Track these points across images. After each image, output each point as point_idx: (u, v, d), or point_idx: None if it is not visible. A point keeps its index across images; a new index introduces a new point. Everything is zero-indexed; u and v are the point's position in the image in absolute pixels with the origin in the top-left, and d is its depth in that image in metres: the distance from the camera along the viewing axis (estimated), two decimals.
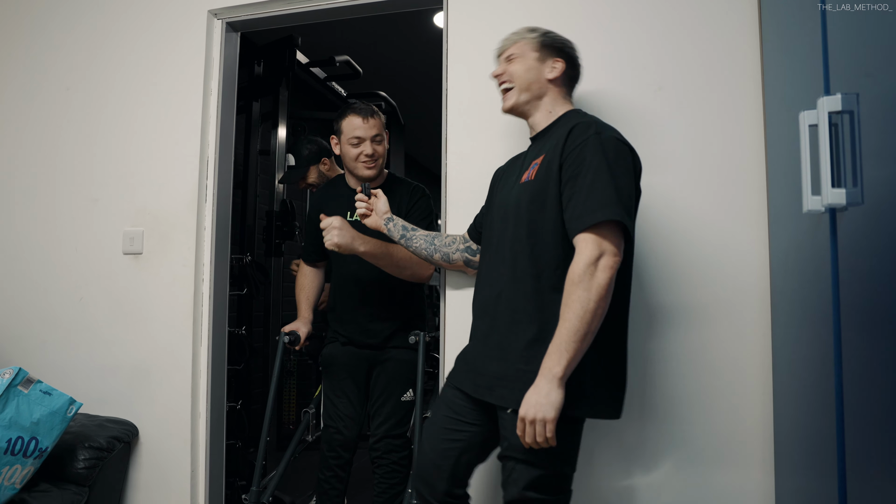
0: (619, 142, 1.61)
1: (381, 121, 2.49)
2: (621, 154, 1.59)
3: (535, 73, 1.79)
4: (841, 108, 1.18)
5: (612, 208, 1.51)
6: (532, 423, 1.47)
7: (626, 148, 1.62)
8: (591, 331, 1.49)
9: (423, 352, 2.35)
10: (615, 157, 1.57)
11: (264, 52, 3.58)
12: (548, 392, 1.46)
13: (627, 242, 1.58)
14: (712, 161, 2.03)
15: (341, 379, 2.53)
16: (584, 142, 1.59)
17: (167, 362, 2.49)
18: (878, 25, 1.19)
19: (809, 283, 1.49)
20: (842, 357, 1.27)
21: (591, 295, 1.48)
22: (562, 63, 1.79)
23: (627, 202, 1.55)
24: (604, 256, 1.50)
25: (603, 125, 1.65)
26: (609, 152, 1.57)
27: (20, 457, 2.00)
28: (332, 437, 2.52)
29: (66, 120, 2.71)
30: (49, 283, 2.66)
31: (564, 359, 1.47)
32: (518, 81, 1.80)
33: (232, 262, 2.87)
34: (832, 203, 1.20)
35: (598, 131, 1.60)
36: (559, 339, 1.48)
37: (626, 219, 1.53)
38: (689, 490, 1.99)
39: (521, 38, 1.83)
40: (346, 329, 2.52)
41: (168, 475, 2.46)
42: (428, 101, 3.87)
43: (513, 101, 1.81)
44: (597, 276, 1.49)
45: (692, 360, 2.01)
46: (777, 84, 1.82)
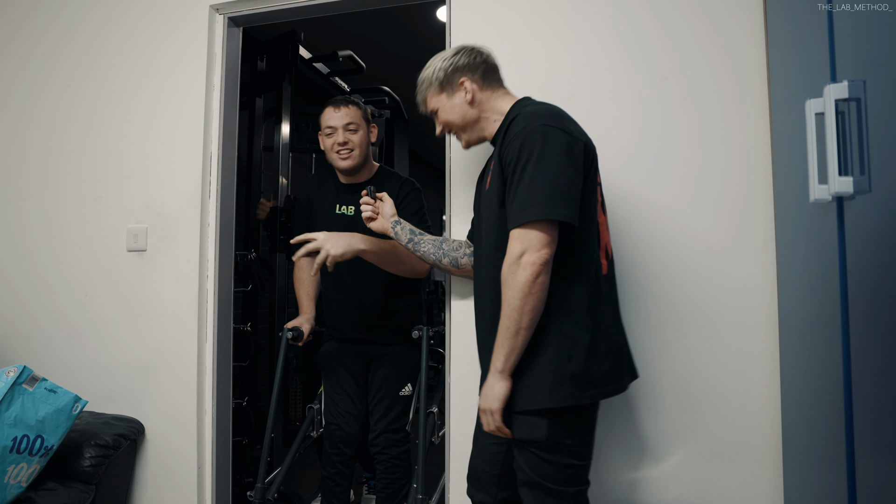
0: (549, 128, 1.56)
1: (360, 111, 2.48)
2: (552, 142, 1.55)
3: (458, 109, 1.79)
4: (848, 95, 1.17)
5: (535, 208, 1.50)
6: (484, 412, 1.59)
7: (559, 132, 1.56)
8: (524, 326, 1.52)
9: (427, 347, 2.33)
10: (543, 148, 1.54)
11: (267, 47, 3.57)
12: (492, 385, 1.57)
13: (570, 233, 1.56)
14: (718, 151, 2.01)
15: (340, 376, 2.54)
16: (513, 139, 1.59)
17: (172, 359, 2.49)
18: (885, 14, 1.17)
19: (817, 273, 1.48)
20: (850, 348, 1.26)
21: (514, 293, 1.51)
22: (466, 79, 1.77)
23: (558, 193, 1.51)
24: (526, 253, 1.50)
25: (537, 113, 1.61)
26: (537, 144, 1.54)
27: (26, 455, 2.00)
28: (334, 433, 2.53)
29: (69, 117, 2.71)
30: (54, 281, 2.66)
31: (502, 354, 1.54)
32: (455, 126, 1.81)
33: (237, 259, 2.86)
34: (839, 191, 1.18)
35: (526, 125, 1.58)
36: (498, 336, 1.55)
37: (552, 213, 1.50)
38: (697, 484, 1.98)
39: (426, 92, 1.84)
40: (340, 324, 2.53)
41: (175, 472, 2.46)
42: None
43: (464, 141, 1.84)
44: (518, 273, 1.50)
45: (700, 352, 2.00)
46: (783, 72, 1.80)
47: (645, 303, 2.04)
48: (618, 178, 2.07)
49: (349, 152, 2.44)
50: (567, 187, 1.52)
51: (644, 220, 2.05)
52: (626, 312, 2.05)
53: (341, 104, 2.46)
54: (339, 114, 2.45)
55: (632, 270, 2.06)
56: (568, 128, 1.59)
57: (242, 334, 3.22)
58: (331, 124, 2.45)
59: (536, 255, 1.49)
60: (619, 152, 2.08)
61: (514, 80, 2.16)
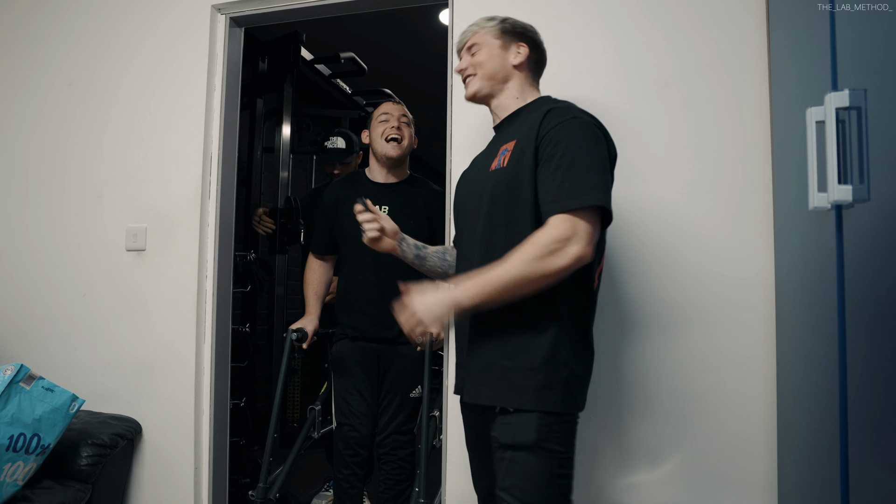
0: (597, 127, 1.56)
1: (411, 117, 2.63)
2: (599, 140, 1.53)
3: (500, 60, 1.73)
4: (848, 104, 1.17)
5: (592, 194, 1.44)
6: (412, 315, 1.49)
7: (602, 134, 1.56)
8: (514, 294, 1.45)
9: (430, 350, 2.32)
10: (594, 142, 1.52)
11: (268, 48, 3.58)
12: (438, 301, 1.48)
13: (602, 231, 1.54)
14: (718, 159, 2.01)
15: (353, 376, 2.53)
16: (560, 124, 1.53)
17: (170, 359, 2.49)
18: (886, 22, 1.18)
19: (814, 281, 1.48)
20: (846, 355, 1.26)
21: (542, 266, 1.41)
22: (526, 48, 1.74)
23: (606, 188, 1.50)
24: (574, 240, 1.42)
25: (579, 109, 1.60)
26: (588, 136, 1.52)
27: (22, 453, 2.00)
28: (348, 434, 2.51)
29: (69, 116, 2.71)
30: (53, 280, 2.66)
31: (473, 291, 1.46)
32: (482, 70, 1.73)
33: (236, 260, 2.86)
34: (838, 200, 1.19)
35: (575, 115, 1.55)
36: (486, 272, 1.45)
37: (608, 202, 1.48)
38: (693, 488, 1.98)
39: (480, 27, 1.77)
40: (357, 322, 2.51)
41: (172, 472, 2.46)
42: (433, 99, 3.86)
43: (475, 88, 1.75)
44: (559, 255, 1.41)
45: (697, 357, 2.00)
46: (784, 80, 1.80)
47: (643, 307, 2.04)
48: (616, 184, 2.07)
49: (398, 143, 2.52)
50: (609, 186, 1.53)
51: (642, 226, 2.05)
52: (624, 315, 2.06)
53: (398, 102, 2.65)
54: (397, 107, 2.60)
55: (630, 274, 2.06)
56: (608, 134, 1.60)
57: (241, 335, 3.22)
58: (387, 111, 2.57)
59: (585, 249, 1.42)
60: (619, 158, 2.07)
61: None
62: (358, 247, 2.45)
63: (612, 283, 2.07)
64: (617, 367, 2.06)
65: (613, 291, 2.07)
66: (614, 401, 2.06)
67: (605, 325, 2.08)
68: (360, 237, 2.42)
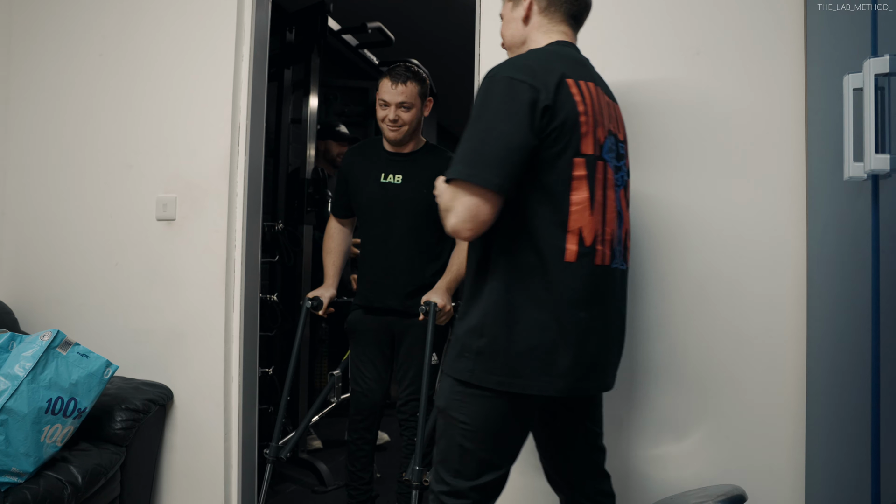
0: (508, 79, 1.41)
1: (417, 88, 2.46)
2: (503, 95, 1.40)
3: (512, 25, 1.64)
4: (889, 70, 1.14)
5: (459, 166, 1.40)
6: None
7: (516, 84, 1.40)
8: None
9: (433, 324, 2.32)
10: (489, 106, 1.41)
11: (296, 18, 3.56)
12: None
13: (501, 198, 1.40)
14: (749, 127, 1.98)
15: (366, 344, 2.59)
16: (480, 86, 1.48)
17: (200, 327, 2.53)
18: None
19: (848, 253, 1.45)
20: (879, 331, 1.24)
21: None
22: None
23: (489, 154, 1.38)
24: (451, 212, 1.41)
25: (510, 62, 1.47)
26: (488, 96, 1.42)
27: (60, 416, 2.06)
28: (359, 400, 2.60)
29: (99, 86, 2.73)
30: (86, 249, 2.71)
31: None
32: (505, 41, 1.69)
33: (264, 230, 2.89)
34: (875, 169, 1.16)
35: (490, 74, 1.45)
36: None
37: (473, 175, 1.37)
38: (719, 461, 1.98)
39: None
40: (370, 291, 2.55)
41: (202, 437, 2.52)
42: (461, 70, 3.83)
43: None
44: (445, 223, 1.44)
45: (725, 331, 1.98)
46: (820, 46, 1.76)
47: (671, 280, 2.03)
48: (648, 154, 2.05)
49: (398, 128, 2.47)
50: (499, 149, 1.38)
51: (673, 196, 2.03)
52: (651, 287, 2.04)
53: (399, 80, 2.44)
54: (395, 91, 2.43)
55: (657, 246, 2.04)
56: (526, 80, 1.41)
57: (268, 304, 3.26)
58: (384, 99, 2.45)
59: (455, 224, 1.41)
60: (651, 126, 2.05)
61: None
62: (369, 217, 2.51)
63: (640, 255, 2.05)
64: (643, 339, 2.05)
65: (641, 263, 2.05)
66: (641, 372, 2.06)
67: (631, 297, 2.07)
68: (372, 208, 2.46)
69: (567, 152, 1.43)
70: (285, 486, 3.24)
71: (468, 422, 1.49)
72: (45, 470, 2.03)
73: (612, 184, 1.52)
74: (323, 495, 3.18)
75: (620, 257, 1.57)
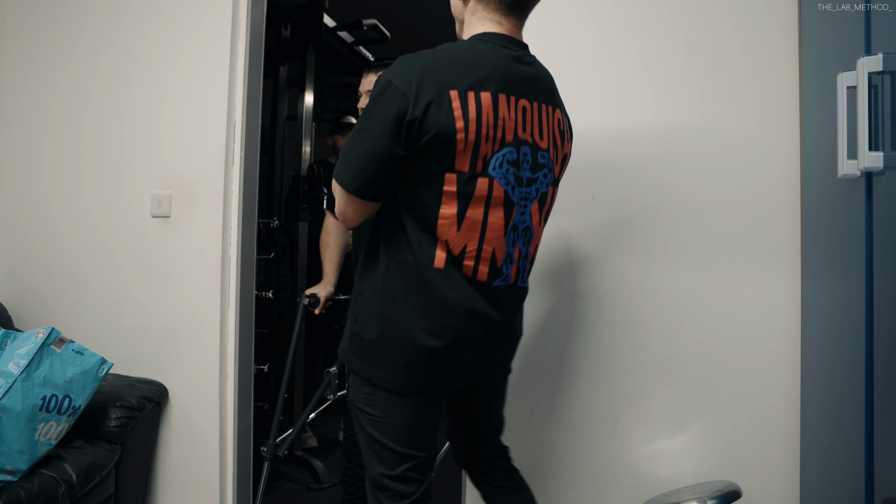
0: (387, 83, 1.36)
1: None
2: (378, 100, 1.36)
3: (452, 4, 1.56)
4: (882, 68, 1.14)
5: (337, 162, 1.45)
6: None
7: (391, 89, 1.34)
8: None
9: None
10: (371, 101, 1.38)
11: (291, 15, 3.56)
12: None
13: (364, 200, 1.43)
14: (744, 125, 1.98)
15: None
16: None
17: (196, 324, 2.53)
18: None
19: (842, 249, 1.46)
20: (873, 328, 1.25)
21: None
22: None
23: (353, 158, 1.39)
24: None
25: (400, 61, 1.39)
26: (373, 95, 1.38)
27: (54, 414, 2.05)
28: None
29: (94, 82, 2.72)
30: (80, 246, 2.70)
31: None
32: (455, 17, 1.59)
33: (259, 227, 2.89)
34: (869, 167, 1.16)
35: (384, 73, 1.39)
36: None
37: (339, 176, 1.43)
38: (714, 457, 1.98)
39: None
40: None
41: (198, 435, 2.51)
42: None
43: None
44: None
45: (720, 328, 1.99)
46: (814, 44, 1.76)
47: (666, 277, 2.03)
48: (642, 150, 2.05)
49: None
50: (361, 154, 1.38)
51: (667, 191, 2.03)
52: (648, 284, 2.05)
53: (373, 70, 2.48)
54: (367, 80, 2.48)
55: (652, 241, 2.04)
56: (402, 88, 1.34)
57: (264, 301, 3.26)
58: (361, 90, 2.51)
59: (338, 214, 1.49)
60: (644, 125, 2.05)
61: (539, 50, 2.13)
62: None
63: (636, 252, 2.06)
64: (639, 336, 2.06)
65: (636, 259, 2.06)
66: (636, 369, 2.06)
67: (626, 294, 2.08)
68: None
69: (438, 167, 1.38)
70: (281, 484, 3.25)
71: (374, 410, 1.52)
72: (39, 468, 2.02)
73: (502, 201, 1.44)
74: (318, 493, 3.18)
75: (504, 276, 1.50)
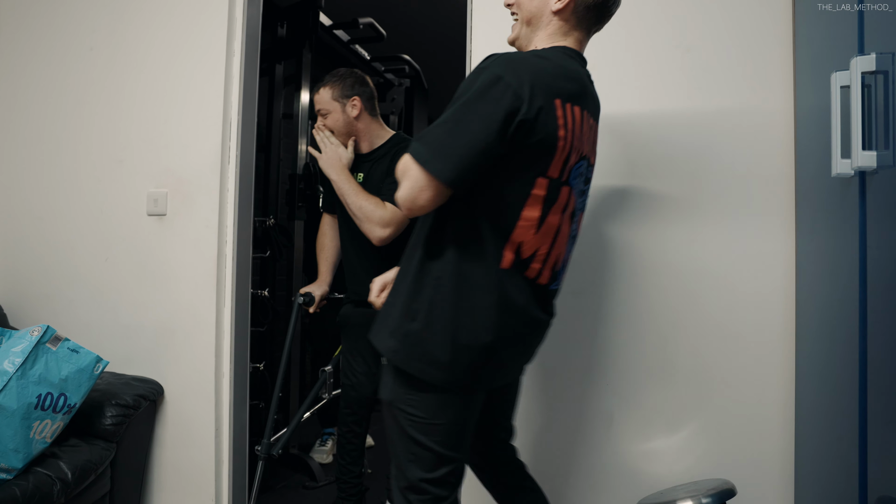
0: (497, 77, 1.34)
1: (329, 92, 2.51)
2: (486, 93, 1.34)
3: (539, 2, 1.52)
4: (875, 68, 1.15)
5: (421, 147, 1.37)
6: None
7: (502, 85, 1.34)
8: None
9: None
10: (473, 91, 1.35)
11: (287, 13, 3.55)
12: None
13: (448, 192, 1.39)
14: (739, 124, 1.99)
15: (356, 338, 2.60)
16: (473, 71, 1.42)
17: (191, 323, 2.53)
18: None
19: (836, 248, 1.47)
20: (867, 327, 1.25)
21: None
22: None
23: (452, 148, 1.35)
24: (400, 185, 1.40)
25: (509, 58, 1.38)
26: (474, 85, 1.36)
27: (50, 412, 2.05)
28: (348, 393, 2.63)
29: (90, 80, 2.72)
30: (76, 244, 2.70)
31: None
32: (521, 13, 1.55)
33: (255, 225, 2.89)
34: (862, 166, 1.17)
35: (488, 64, 1.38)
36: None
37: (431, 163, 1.35)
38: (709, 456, 1.99)
39: None
40: (353, 286, 2.59)
41: (193, 433, 2.51)
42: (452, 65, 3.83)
43: (513, 35, 1.60)
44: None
45: (715, 326, 2.00)
46: (808, 44, 1.77)
47: (660, 275, 2.04)
48: (637, 150, 2.06)
49: (333, 133, 2.53)
50: (463, 146, 1.35)
51: (662, 192, 2.04)
52: (642, 285, 2.05)
53: (317, 88, 2.54)
54: (315, 98, 2.54)
55: (647, 240, 2.05)
56: (514, 85, 1.34)
57: (260, 300, 3.26)
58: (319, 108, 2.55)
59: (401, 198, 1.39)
60: (639, 123, 2.06)
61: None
62: (341, 214, 2.57)
63: (631, 250, 2.06)
64: (634, 335, 2.06)
65: (631, 259, 2.06)
66: (631, 368, 2.07)
67: (622, 293, 2.08)
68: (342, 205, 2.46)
69: (533, 170, 1.41)
70: (276, 482, 3.24)
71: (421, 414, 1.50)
72: (34, 466, 2.02)
73: (572, 209, 1.51)
74: (314, 491, 3.18)
75: (558, 280, 1.56)
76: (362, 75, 2.58)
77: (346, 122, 2.51)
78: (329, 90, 2.50)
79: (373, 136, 2.57)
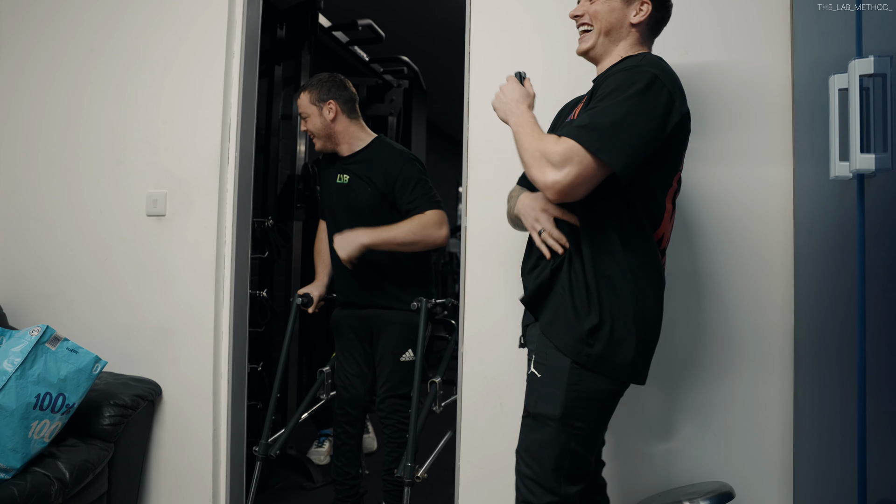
0: (653, 76, 1.42)
1: (307, 96, 2.58)
2: (645, 91, 1.40)
3: (619, 14, 1.58)
4: (873, 70, 1.15)
5: (590, 135, 1.37)
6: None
7: (658, 83, 1.41)
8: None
9: (425, 318, 2.43)
10: (631, 89, 1.40)
11: (286, 15, 3.56)
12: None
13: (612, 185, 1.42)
14: (738, 127, 2.00)
15: (347, 340, 2.64)
16: (619, 70, 1.47)
17: (190, 323, 2.53)
18: None
19: (835, 251, 1.47)
20: (865, 329, 1.25)
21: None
22: (649, 5, 1.58)
23: (624, 138, 1.37)
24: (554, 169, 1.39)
25: (654, 61, 1.47)
26: (631, 84, 1.40)
27: (48, 412, 2.05)
28: (342, 395, 2.65)
29: (90, 82, 2.72)
30: (75, 244, 2.69)
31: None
32: (598, 23, 1.59)
33: (254, 226, 2.89)
34: (860, 168, 1.17)
35: (638, 63, 1.45)
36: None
37: (604, 151, 1.36)
38: (707, 458, 1.99)
39: None
40: (341, 288, 2.62)
41: (191, 433, 2.51)
42: (451, 67, 3.84)
43: (588, 44, 1.62)
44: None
45: (713, 328, 2.00)
46: (806, 47, 1.78)
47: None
48: None
49: (313, 138, 2.60)
50: (632, 137, 1.38)
51: None
52: None
53: (298, 93, 2.62)
54: (297, 102, 2.61)
55: None
56: (667, 84, 1.44)
57: (258, 300, 3.26)
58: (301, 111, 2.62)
59: (559, 180, 1.38)
60: None
61: (536, 50, 2.15)
62: (328, 217, 2.64)
63: None
64: None
65: None
66: None
67: None
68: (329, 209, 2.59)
69: (675, 167, 1.56)
70: (273, 483, 3.24)
71: (584, 426, 1.50)
72: (32, 466, 2.02)
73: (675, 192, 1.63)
74: (311, 492, 3.18)
75: None
76: (342, 80, 2.62)
77: (324, 125, 2.56)
78: (307, 94, 2.57)
79: (352, 138, 2.60)
